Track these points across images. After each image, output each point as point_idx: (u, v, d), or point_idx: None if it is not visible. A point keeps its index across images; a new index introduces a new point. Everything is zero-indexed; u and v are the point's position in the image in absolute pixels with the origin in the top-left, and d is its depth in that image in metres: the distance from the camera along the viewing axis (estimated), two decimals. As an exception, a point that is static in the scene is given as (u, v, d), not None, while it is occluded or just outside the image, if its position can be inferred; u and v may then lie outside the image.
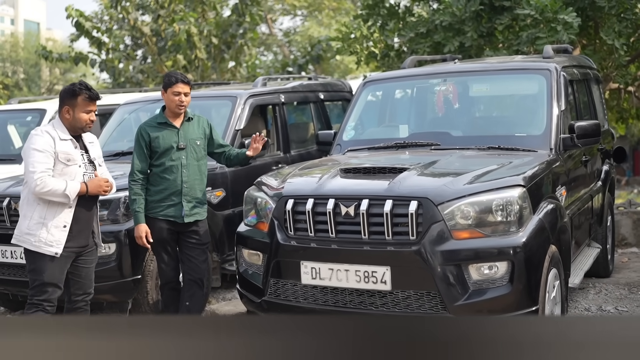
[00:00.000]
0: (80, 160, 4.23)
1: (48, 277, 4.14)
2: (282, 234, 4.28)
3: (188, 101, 4.83)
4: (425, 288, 3.87)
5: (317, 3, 22.63)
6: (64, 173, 4.14)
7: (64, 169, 4.13)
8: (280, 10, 24.54)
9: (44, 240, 4.10)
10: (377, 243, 3.99)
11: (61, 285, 4.21)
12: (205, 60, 13.25)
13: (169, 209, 4.71)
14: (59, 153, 4.12)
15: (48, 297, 4.17)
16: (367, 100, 5.97)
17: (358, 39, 10.08)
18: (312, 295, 4.17)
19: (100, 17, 21.29)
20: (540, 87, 5.19)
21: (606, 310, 5.39)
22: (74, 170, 4.17)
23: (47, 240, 4.10)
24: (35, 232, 4.11)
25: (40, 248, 4.11)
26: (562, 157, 4.87)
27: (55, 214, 4.12)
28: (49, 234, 4.10)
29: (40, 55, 13.67)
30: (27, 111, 8.21)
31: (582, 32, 10.34)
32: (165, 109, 4.87)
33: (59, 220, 4.12)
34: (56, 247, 4.10)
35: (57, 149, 4.12)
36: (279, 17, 25.26)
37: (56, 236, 4.11)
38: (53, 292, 4.17)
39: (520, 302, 3.86)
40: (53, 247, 4.10)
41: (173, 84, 4.77)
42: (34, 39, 42.29)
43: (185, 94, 4.78)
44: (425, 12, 10.31)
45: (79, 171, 4.19)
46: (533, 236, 3.92)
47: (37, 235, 4.11)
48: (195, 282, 4.77)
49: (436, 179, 4.20)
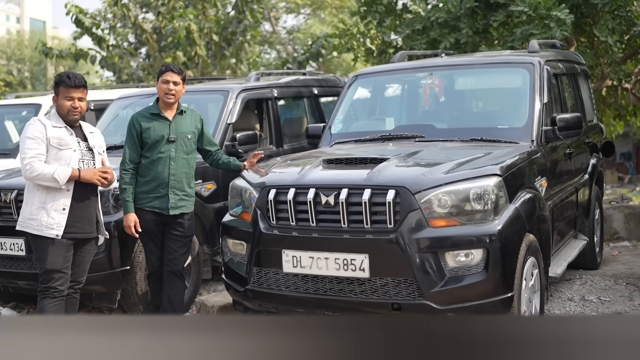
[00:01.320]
0: (75, 146, 4.37)
1: (50, 263, 4.29)
2: (264, 223, 4.37)
3: (178, 91, 4.85)
4: (403, 275, 3.94)
5: (319, 1, 22.71)
6: (59, 157, 4.29)
7: (57, 154, 4.28)
8: (284, 9, 24.64)
9: (45, 224, 4.27)
10: (356, 231, 4.07)
11: (66, 272, 4.34)
12: (205, 57, 13.34)
13: (155, 200, 4.78)
14: (51, 138, 4.27)
15: (54, 284, 4.30)
16: (356, 93, 6.05)
17: (355, 35, 10.17)
18: (294, 283, 4.25)
19: (103, 14, 21.45)
20: (524, 81, 5.26)
21: (589, 299, 5.46)
22: (67, 154, 4.31)
23: (47, 224, 4.26)
24: (36, 217, 4.29)
25: (42, 231, 4.27)
26: (544, 148, 4.94)
27: (55, 198, 4.28)
28: (49, 217, 4.26)
29: (41, 51, 13.80)
30: (22, 106, 8.32)
31: (578, 29, 10.41)
32: (159, 100, 4.93)
33: (58, 204, 4.28)
34: (57, 229, 4.26)
35: (49, 135, 4.27)
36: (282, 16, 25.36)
37: (56, 219, 4.27)
38: (58, 279, 4.31)
39: (495, 288, 3.94)
40: (54, 229, 4.26)
41: (163, 72, 4.85)
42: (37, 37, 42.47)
43: (174, 82, 4.80)
44: (421, 9, 10.38)
45: (74, 155, 4.33)
46: (508, 224, 3.99)
47: (39, 219, 4.28)
48: (174, 274, 4.85)
49: (414, 168, 4.28)
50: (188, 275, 5.90)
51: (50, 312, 4.30)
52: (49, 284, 4.30)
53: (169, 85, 4.80)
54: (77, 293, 4.58)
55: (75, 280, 4.51)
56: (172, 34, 12.86)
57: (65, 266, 4.34)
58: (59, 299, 4.33)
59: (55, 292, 4.31)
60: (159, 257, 4.89)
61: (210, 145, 5.06)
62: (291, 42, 25.12)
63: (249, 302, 4.55)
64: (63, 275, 4.33)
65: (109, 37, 14.02)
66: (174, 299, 4.87)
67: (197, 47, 12.97)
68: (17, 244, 5.32)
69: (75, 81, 4.32)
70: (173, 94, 4.82)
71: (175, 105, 4.92)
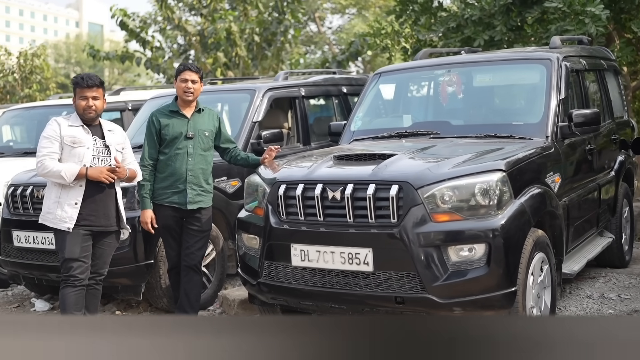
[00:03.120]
0: (90, 144, 4.60)
1: (68, 252, 4.55)
2: (275, 218, 4.48)
3: (197, 89, 5.01)
4: (405, 269, 4.01)
5: (363, 0, 22.76)
6: (72, 155, 4.56)
7: (71, 151, 4.56)
8: (330, 9, 24.77)
9: (59, 217, 4.56)
10: (361, 226, 4.15)
11: (85, 260, 4.58)
12: (246, 57, 13.56)
13: (173, 196, 4.95)
14: (65, 137, 4.55)
15: (73, 273, 4.54)
16: (377, 91, 6.12)
17: (390, 34, 10.20)
18: (302, 276, 4.36)
19: (154, 17, 21.97)
20: (541, 77, 5.25)
21: (608, 297, 5.40)
22: (81, 152, 4.56)
23: (61, 217, 4.55)
24: (52, 211, 4.59)
25: (57, 224, 4.57)
26: (558, 144, 4.93)
27: (68, 194, 4.56)
28: (62, 211, 4.55)
29: (88, 54, 14.25)
30: (62, 106, 8.65)
31: (618, 24, 10.22)
32: (177, 98, 5.11)
33: (71, 199, 4.55)
34: (69, 222, 4.53)
35: (63, 134, 4.55)
36: (328, 16, 25.50)
37: (69, 213, 4.53)
38: (78, 267, 4.55)
39: (498, 283, 3.96)
40: (66, 222, 4.54)
41: (181, 71, 5.02)
42: (94, 41, 43.62)
43: (192, 81, 4.97)
44: (456, 6, 10.36)
45: (87, 153, 4.57)
46: (512, 219, 4.01)
47: (54, 213, 4.58)
48: (190, 268, 5.02)
49: (419, 164, 4.33)
50: (213, 270, 6.09)
51: (71, 300, 4.52)
52: (69, 273, 4.53)
53: (188, 83, 4.96)
54: (99, 285, 4.80)
55: (96, 272, 4.73)
56: (213, 35, 13.11)
57: (83, 255, 4.56)
58: (80, 287, 4.55)
59: (76, 280, 4.53)
60: (178, 252, 5.05)
61: (228, 143, 5.20)
62: (336, 42, 25.24)
63: (262, 295, 4.67)
64: (82, 263, 4.55)
65: (153, 39, 14.36)
66: (190, 293, 5.03)
67: (238, 48, 13.19)
68: (48, 238, 5.56)
69: (89, 81, 4.57)
70: (192, 92, 4.98)
71: (194, 104, 5.08)
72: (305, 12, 14.75)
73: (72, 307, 4.53)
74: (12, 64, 18.56)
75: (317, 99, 7.97)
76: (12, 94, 17.74)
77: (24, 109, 9.44)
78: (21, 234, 5.87)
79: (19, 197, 5.95)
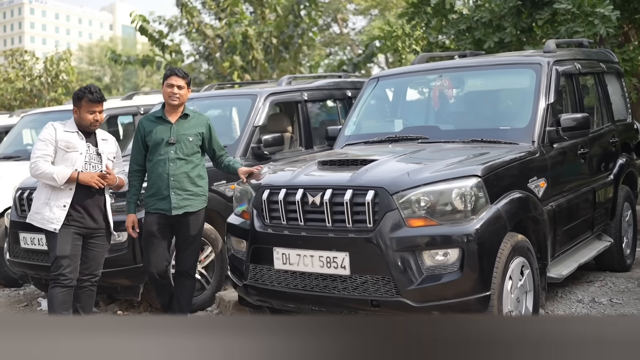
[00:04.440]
0: (83, 150, 4.76)
1: (59, 250, 4.70)
2: (259, 222, 4.59)
3: (182, 94, 4.99)
4: (380, 273, 4.08)
5: (384, 2, 22.79)
6: (66, 159, 4.72)
7: (64, 155, 4.73)
8: (352, 11, 24.85)
9: (47, 218, 4.71)
10: (339, 230, 4.23)
11: (74, 259, 4.72)
12: (262, 60, 13.71)
13: (159, 202, 4.96)
14: (59, 141, 4.72)
15: (63, 271, 4.68)
16: (372, 96, 6.18)
17: (400, 37, 10.24)
18: (285, 279, 4.45)
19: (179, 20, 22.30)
20: (531, 81, 5.27)
21: (599, 301, 5.39)
22: (74, 157, 4.73)
23: (49, 218, 4.71)
24: (41, 211, 4.75)
25: (44, 225, 4.73)
26: (545, 149, 4.94)
27: (58, 195, 4.72)
28: (51, 212, 4.71)
29: (110, 58, 14.55)
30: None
31: (632, 24, 10.13)
32: (165, 104, 5.17)
33: (59, 201, 4.71)
34: (56, 223, 4.68)
35: (58, 138, 4.72)
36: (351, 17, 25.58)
37: (57, 214, 4.69)
38: (67, 266, 4.68)
39: (471, 287, 4.01)
40: (53, 223, 4.69)
41: (168, 76, 5.03)
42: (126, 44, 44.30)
43: (178, 86, 4.95)
44: (466, 8, 10.36)
45: (80, 158, 4.74)
46: (486, 225, 4.06)
47: (42, 214, 4.74)
48: (182, 274, 5.11)
49: (398, 169, 4.39)
50: (212, 271, 6.22)
51: (60, 300, 4.66)
52: (59, 271, 4.67)
53: (173, 89, 4.97)
54: (94, 286, 4.94)
55: (91, 273, 4.88)
56: (230, 39, 13.28)
57: (73, 254, 4.70)
58: (69, 287, 4.69)
59: (65, 279, 4.66)
60: (164, 258, 5.03)
61: (217, 149, 5.17)
62: (358, 43, 25.32)
63: (249, 297, 4.77)
64: (71, 262, 4.69)
65: (173, 44, 14.59)
66: (181, 297, 5.12)
67: (255, 51, 13.34)
68: (42, 240, 5.74)
69: (98, 96, 4.77)
70: (177, 97, 4.97)
71: (180, 109, 5.06)
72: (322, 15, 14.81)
73: (60, 306, 4.66)
74: (39, 68, 19.00)
75: (320, 103, 8.06)
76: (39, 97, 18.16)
77: (42, 114, 9.69)
78: (27, 236, 6.07)
79: (25, 200, 6.16)
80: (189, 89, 5.09)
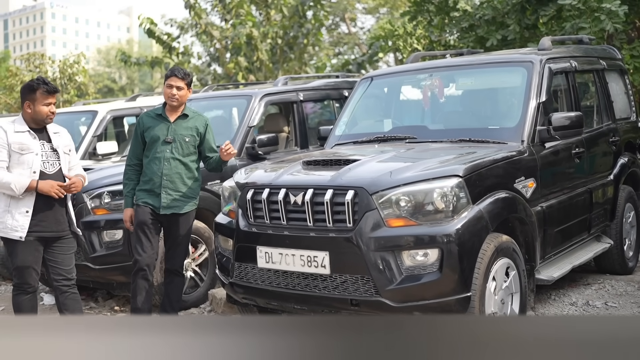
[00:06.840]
0: (38, 149, 4.50)
1: (20, 260, 4.51)
2: (244, 221, 4.58)
3: (182, 95, 5.02)
4: (360, 273, 4.04)
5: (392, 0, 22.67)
6: (21, 162, 4.45)
7: (19, 158, 4.45)
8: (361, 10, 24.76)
9: (10, 226, 4.45)
10: (320, 230, 4.20)
11: (36, 268, 4.55)
12: (267, 61, 13.70)
13: (150, 197, 5.00)
14: (12, 144, 4.44)
15: (26, 280, 4.53)
16: (363, 96, 6.14)
17: (401, 36, 10.18)
18: (268, 277, 4.44)
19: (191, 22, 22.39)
20: (522, 80, 5.19)
21: (593, 305, 5.29)
22: (30, 159, 4.46)
23: (12, 226, 4.45)
24: (2, 220, 4.48)
25: (8, 233, 4.47)
26: (535, 149, 4.87)
27: (19, 202, 4.45)
28: (13, 220, 4.45)
29: (120, 60, 14.62)
30: (81, 113, 8.90)
31: (639, 19, 9.97)
32: None
33: (21, 207, 4.45)
34: (20, 231, 4.44)
35: (10, 141, 4.44)
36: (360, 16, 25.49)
37: (20, 221, 4.44)
38: (29, 275, 4.53)
39: (451, 288, 3.96)
40: (18, 231, 4.44)
41: (168, 77, 5.07)
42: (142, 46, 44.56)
43: (178, 87, 4.99)
44: (469, 6, 10.28)
45: (36, 159, 4.47)
46: (466, 225, 4.00)
47: (4, 222, 4.47)
48: (171, 272, 5.13)
49: (379, 169, 4.34)
50: (206, 269, 6.21)
51: (27, 306, 4.56)
52: (22, 280, 4.52)
53: (172, 89, 5.01)
54: (73, 288, 4.71)
55: (65, 277, 4.65)
56: (234, 40, 13.29)
57: (35, 263, 4.53)
58: (32, 293, 4.59)
59: (29, 287, 4.54)
60: (150, 253, 5.02)
61: (209, 152, 5.15)
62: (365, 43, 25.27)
63: (235, 295, 4.76)
64: (34, 272, 4.54)
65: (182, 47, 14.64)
66: (172, 294, 5.15)
67: (259, 52, 13.34)
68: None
69: (53, 87, 4.54)
70: (176, 98, 5.01)
71: (181, 109, 5.11)
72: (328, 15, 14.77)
73: (28, 313, 4.54)
74: (55, 71, 19.19)
75: (316, 103, 8.04)
76: (54, 99, 18.35)
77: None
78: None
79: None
80: (190, 90, 5.10)
